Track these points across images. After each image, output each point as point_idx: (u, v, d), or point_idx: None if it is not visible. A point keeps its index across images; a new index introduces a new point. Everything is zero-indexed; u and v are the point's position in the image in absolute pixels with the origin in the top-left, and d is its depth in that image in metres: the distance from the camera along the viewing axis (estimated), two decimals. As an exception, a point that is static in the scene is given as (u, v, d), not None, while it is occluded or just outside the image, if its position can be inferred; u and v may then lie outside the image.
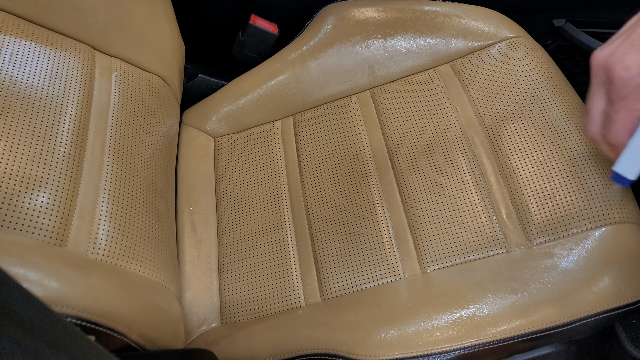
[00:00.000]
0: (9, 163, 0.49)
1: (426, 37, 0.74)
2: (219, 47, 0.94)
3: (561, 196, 0.57)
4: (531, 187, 0.58)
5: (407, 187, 0.63)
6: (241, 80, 0.79)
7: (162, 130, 0.69)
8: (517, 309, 0.50)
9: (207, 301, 0.63)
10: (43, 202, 0.49)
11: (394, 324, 0.51)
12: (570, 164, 0.58)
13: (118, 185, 0.57)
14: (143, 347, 0.48)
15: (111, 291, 0.46)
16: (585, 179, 0.57)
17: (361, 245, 0.61)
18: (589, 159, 0.58)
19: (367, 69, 0.75)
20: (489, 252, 0.57)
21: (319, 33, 0.77)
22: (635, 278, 0.51)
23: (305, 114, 0.76)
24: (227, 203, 0.70)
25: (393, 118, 0.70)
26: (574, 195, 0.56)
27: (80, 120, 0.57)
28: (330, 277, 0.60)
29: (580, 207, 0.55)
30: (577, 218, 0.55)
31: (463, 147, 0.64)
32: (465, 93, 0.69)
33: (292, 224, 0.66)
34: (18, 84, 0.54)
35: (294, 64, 0.77)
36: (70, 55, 0.61)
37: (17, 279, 0.21)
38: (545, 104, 0.63)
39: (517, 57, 0.68)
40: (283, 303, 0.60)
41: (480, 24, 0.73)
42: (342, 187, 0.66)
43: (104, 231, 0.53)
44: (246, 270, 0.64)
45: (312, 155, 0.70)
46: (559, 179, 0.58)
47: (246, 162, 0.73)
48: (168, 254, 0.61)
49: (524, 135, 0.62)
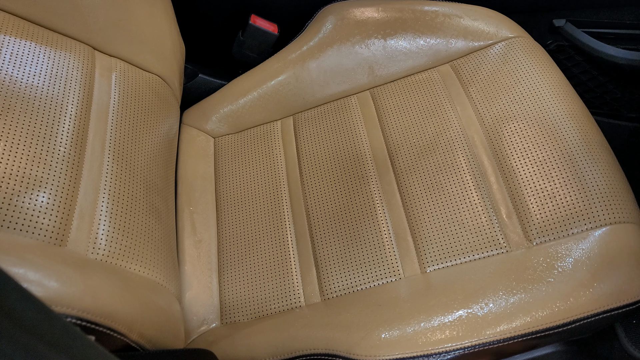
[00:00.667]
0: (9, 163, 0.49)
1: (426, 37, 0.74)
2: (219, 47, 0.94)
3: (561, 196, 0.57)
4: (531, 187, 0.58)
5: (407, 187, 0.63)
6: (241, 80, 0.79)
7: (162, 130, 0.69)
8: (517, 309, 0.50)
9: (207, 301, 0.63)
10: (43, 202, 0.49)
11: (393, 323, 0.51)
12: (570, 164, 0.58)
13: (118, 185, 0.57)
14: (143, 347, 0.48)
15: (111, 291, 0.46)
16: (585, 179, 0.57)
17: (361, 245, 0.61)
18: (589, 159, 0.58)
19: (367, 69, 0.75)
20: (489, 252, 0.57)
21: (319, 33, 0.77)
22: (635, 278, 0.51)
23: (305, 114, 0.76)
24: (227, 203, 0.70)
25: (393, 118, 0.70)
26: (574, 195, 0.56)
27: (80, 120, 0.57)
28: (330, 277, 0.60)
29: (580, 207, 0.55)
30: (577, 218, 0.55)
31: (463, 147, 0.64)
32: (465, 93, 0.69)
33: (292, 224, 0.66)
34: (18, 84, 0.54)
35: (294, 64, 0.77)
36: (70, 55, 0.61)
37: (17, 279, 0.21)
38: (545, 104, 0.63)
39: (517, 57, 0.68)
40: (283, 303, 0.60)
41: (480, 24, 0.73)
42: (342, 187, 0.66)
43: (104, 231, 0.53)
44: (246, 270, 0.64)
45: (312, 155, 0.70)
46: (559, 179, 0.58)
47: (246, 162, 0.73)
48: (168, 254, 0.61)
49: (524, 135, 0.62)
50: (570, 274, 0.51)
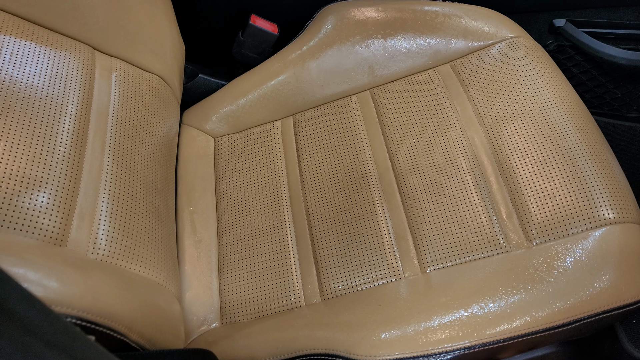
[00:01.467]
0: (9, 163, 0.49)
1: (426, 37, 0.74)
2: (219, 47, 0.94)
3: (561, 196, 0.57)
4: (531, 187, 0.58)
5: (407, 187, 0.63)
6: (241, 80, 0.79)
7: (162, 130, 0.69)
8: (517, 309, 0.50)
9: (207, 301, 0.63)
10: (43, 202, 0.49)
11: (394, 324, 0.51)
12: (570, 164, 0.58)
13: (118, 185, 0.57)
14: (143, 347, 0.48)
15: (111, 291, 0.46)
16: (585, 179, 0.57)
17: (361, 245, 0.61)
18: (589, 159, 0.58)
19: (367, 69, 0.75)
20: (489, 252, 0.57)
21: (319, 33, 0.77)
22: (635, 278, 0.51)
23: (305, 114, 0.76)
24: (227, 203, 0.70)
25: (393, 118, 0.70)
26: (574, 195, 0.56)
27: (80, 120, 0.57)
28: (330, 277, 0.60)
29: (580, 207, 0.55)
30: (577, 218, 0.55)
31: (463, 147, 0.64)
32: (465, 93, 0.69)
33: (292, 224, 0.66)
34: (18, 84, 0.54)
35: (294, 64, 0.77)
36: (70, 55, 0.61)
37: (17, 279, 0.21)
38: (545, 104, 0.63)
39: (517, 57, 0.68)
40: (283, 303, 0.60)
41: (480, 24, 0.73)
42: (342, 187, 0.66)
43: (104, 231, 0.53)
44: (246, 270, 0.64)
45: (312, 155, 0.70)
46: (558, 179, 0.58)
47: (246, 162, 0.73)
48: (168, 254, 0.61)
49: (524, 135, 0.62)
50: (570, 274, 0.51)
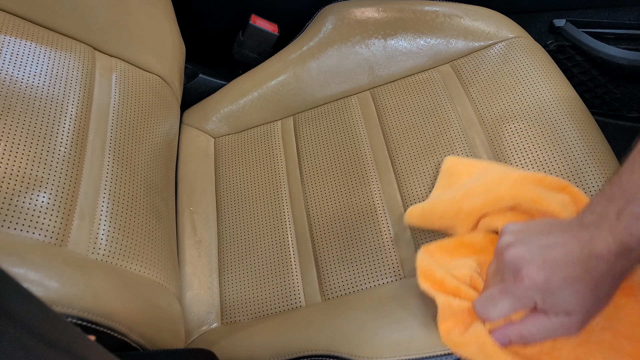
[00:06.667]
0: (9, 163, 0.49)
1: (426, 37, 0.74)
2: (219, 47, 0.94)
3: (561, 196, 0.57)
4: (531, 187, 0.58)
5: (407, 188, 0.63)
6: (241, 80, 0.79)
7: (162, 130, 0.69)
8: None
9: (207, 301, 0.63)
10: (43, 202, 0.49)
11: (395, 325, 0.50)
12: (570, 164, 0.58)
13: (118, 186, 0.57)
14: (143, 347, 0.48)
15: (111, 291, 0.46)
16: (586, 179, 0.57)
17: (362, 245, 0.61)
18: (589, 158, 0.58)
19: (367, 69, 0.75)
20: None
21: (319, 33, 0.77)
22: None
23: (305, 114, 0.76)
24: (228, 203, 0.70)
25: (393, 118, 0.70)
26: (574, 195, 0.56)
27: (80, 121, 0.57)
28: (330, 277, 0.60)
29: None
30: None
31: (463, 147, 0.64)
32: (466, 93, 0.69)
33: (292, 224, 0.66)
34: (18, 84, 0.54)
35: (294, 64, 0.77)
36: (71, 55, 0.61)
37: (17, 279, 0.21)
38: (545, 104, 0.63)
39: (517, 57, 0.68)
40: (283, 303, 0.60)
41: (481, 24, 0.73)
42: (343, 187, 0.66)
43: (104, 231, 0.53)
44: (246, 270, 0.64)
45: (312, 156, 0.70)
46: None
47: (246, 162, 0.73)
48: (168, 254, 0.61)
49: (524, 135, 0.62)
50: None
